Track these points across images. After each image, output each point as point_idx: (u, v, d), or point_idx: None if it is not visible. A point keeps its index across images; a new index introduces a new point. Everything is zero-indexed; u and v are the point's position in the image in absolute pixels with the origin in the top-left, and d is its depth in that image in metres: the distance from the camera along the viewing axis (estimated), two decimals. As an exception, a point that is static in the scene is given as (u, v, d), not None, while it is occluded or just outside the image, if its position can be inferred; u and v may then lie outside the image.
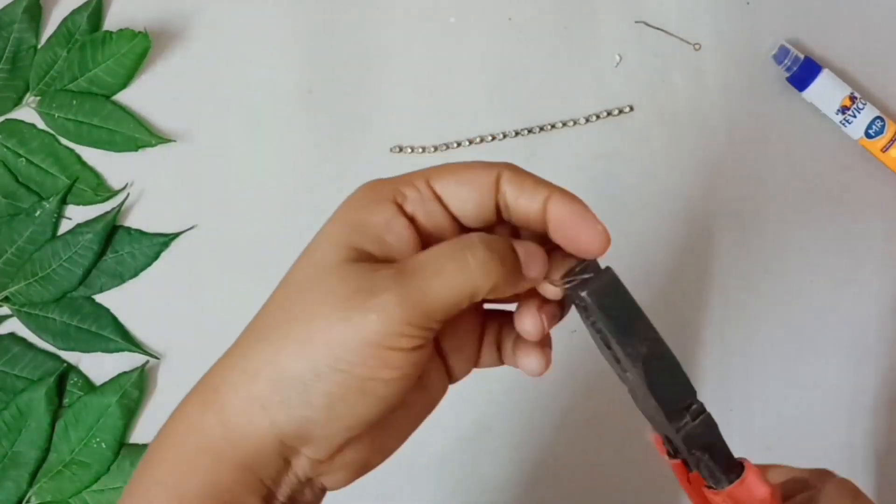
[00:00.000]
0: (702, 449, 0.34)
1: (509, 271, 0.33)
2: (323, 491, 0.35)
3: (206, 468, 0.33)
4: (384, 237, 0.33)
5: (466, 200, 0.33)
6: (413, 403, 0.36)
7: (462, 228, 0.34)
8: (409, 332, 0.31)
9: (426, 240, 0.33)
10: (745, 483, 0.34)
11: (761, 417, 0.59)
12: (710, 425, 0.34)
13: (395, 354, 0.31)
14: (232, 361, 0.34)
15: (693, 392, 0.34)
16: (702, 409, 0.34)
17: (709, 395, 0.60)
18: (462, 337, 0.37)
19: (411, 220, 0.33)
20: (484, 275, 0.32)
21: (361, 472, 0.35)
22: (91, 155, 0.62)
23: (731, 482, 0.34)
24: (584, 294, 0.33)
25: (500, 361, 0.38)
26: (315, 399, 0.31)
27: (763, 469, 0.36)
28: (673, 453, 0.35)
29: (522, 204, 0.34)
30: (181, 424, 0.34)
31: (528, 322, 0.35)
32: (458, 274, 0.31)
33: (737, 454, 0.35)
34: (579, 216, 0.35)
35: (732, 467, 0.34)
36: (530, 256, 0.33)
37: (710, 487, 0.34)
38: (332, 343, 0.31)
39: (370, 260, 0.33)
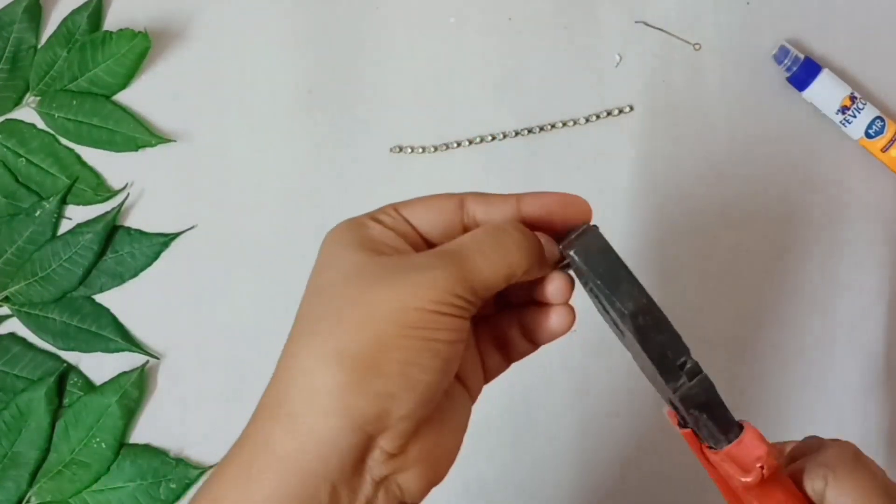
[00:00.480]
0: (699, 409, 0.34)
1: (540, 253, 0.36)
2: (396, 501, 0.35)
3: (272, 479, 0.32)
4: (386, 241, 0.35)
5: (434, 224, 0.36)
6: (452, 416, 0.38)
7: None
8: (457, 302, 0.33)
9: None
10: (742, 442, 0.34)
11: (761, 418, 0.59)
12: (707, 385, 0.34)
13: (448, 319, 0.33)
14: (285, 370, 0.34)
15: (686, 349, 0.34)
16: (697, 369, 0.34)
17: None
18: (466, 353, 0.39)
19: (390, 228, 0.36)
20: (521, 256, 0.35)
21: (432, 475, 0.36)
22: (91, 155, 0.62)
23: (729, 442, 0.34)
24: (572, 252, 0.35)
25: (507, 362, 0.41)
26: (389, 368, 0.32)
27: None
28: (683, 422, 0.35)
29: (496, 214, 0.37)
30: (246, 442, 0.34)
31: (556, 281, 0.37)
32: (499, 254, 0.34)
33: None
34: (556, 196, 0.37)
35: (731, 427, 0.34)
36: (546, 240, 0.36)
37: (710, 447, 0.35)
38: (393, 313, 0.32)
39: (390, 254, 0.35)
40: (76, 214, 0.62)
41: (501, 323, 0.40)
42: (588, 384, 0.59)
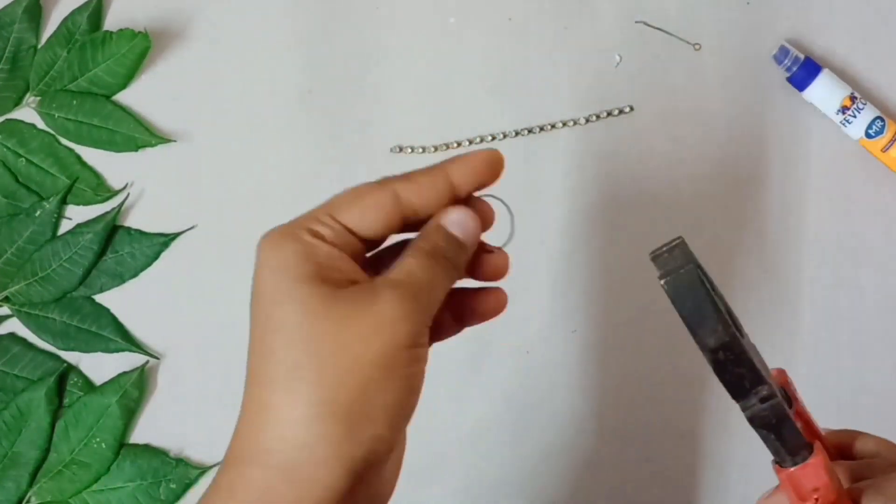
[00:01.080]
0: (766, 429, 0.35)
1: (468, 252, 0.38)
2: None
3: None
4: (336, 266, 0.35)
5: (373, 224, 0.36)
6: None
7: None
8: (424, 330, 0.35)
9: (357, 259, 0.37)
10: (806, 468, 0.35)
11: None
12: (779, 410, 0.35)
13: (422, 349, 0.35)
14: (271, 417, 0.34)
15: (764, 381, 0.35)
16: (771, 395, 0.35)
17: (709, 396, 0.60)
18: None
19: (332, 244, 0.36)
20: (460, 266, 0.37)
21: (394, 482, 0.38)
22: (91, 155, 0.62)
23: (795, 464, 0.35)
24: (662, 283, 0.36)
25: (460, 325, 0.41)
26: (376, 413, 0.33)
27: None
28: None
29: (430, 198, 0.37)
30: (229, 491, 0.34)
31: (497, 261, 0.40)
32: (446, 276, 0.36)
33: (735, 455, 0.35)
34: (480, 159, 0.38)
35: (800, 449, 0.35)
36: (465, 230, 0.38)
37: (777, 463, 0.36)
38: (378, 357, 0.33)
39: (341, 285, 0.35)
40: (76, 214, 0.62)
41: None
42: (588, 383, 0.59)
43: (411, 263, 0.36)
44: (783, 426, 0.35)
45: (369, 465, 0.33)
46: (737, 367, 0.35)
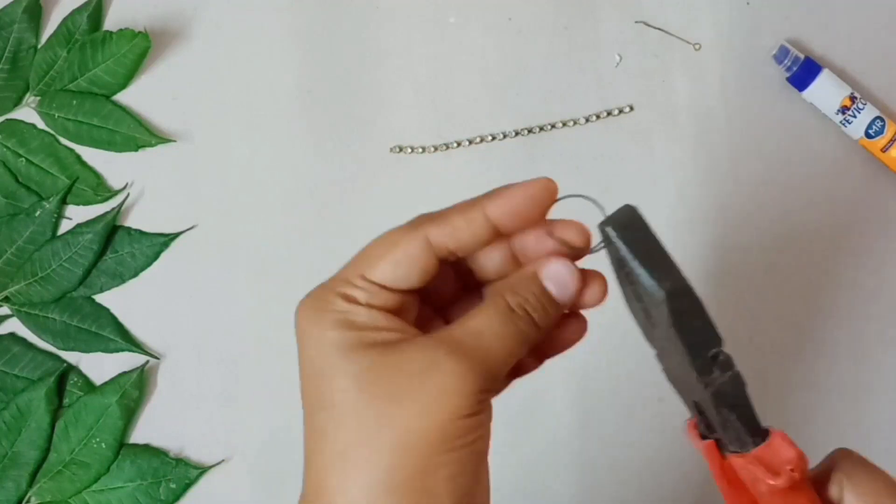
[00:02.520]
0: (730, 408, 0.33)
1: (552, 320, 0.34)
2: None
3: None
4: (377, 325, 0.33)
5: (408, 276, 0.33)
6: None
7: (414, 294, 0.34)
8: (485, 396, 0.32)
9: (397, 314, 0.33)
10: (771, 445, 0.33)
11: (761, 419, 0.59)
12: (739, 383, 0.33)
13: (482, 416, 0.32)
14: (326, 498, 0.31)
15: (720, 339, 0.32)
16: (730, 363, 0.33)
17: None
18: None
19: (369, 305, 0.33)
20: (546, 329, 0.33)
21: None
22: (91, 155, 0.62)
23: (755, 445, 0.33)
24: (608, 229, 0.32)
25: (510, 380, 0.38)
26: (437, 487, 0.31)
27: None
28: (707, 430, 0.34)
29: (467, 239, 0.34)
30: None
31: (595, 287, 0.35)
32: (514, 337, 0.32)
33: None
34: (520, 192, 0.35)
35: (758, 430, 0.33)
36: (564, 288, 0.34)
37: (735, 452, 0.33)
38: (433, 433, 0.30)
39: (387, 346, 0.32)
40: (76, 214, 0.62)
41: None
42: (588, 384, 0.59)
43: (483, 323, 0.32)
44: (745, 403, 0.33)
45: None
46: (694, 319, 0.32)
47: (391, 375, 0.31)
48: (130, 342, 0.60)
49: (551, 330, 0.35)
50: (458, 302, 0.37)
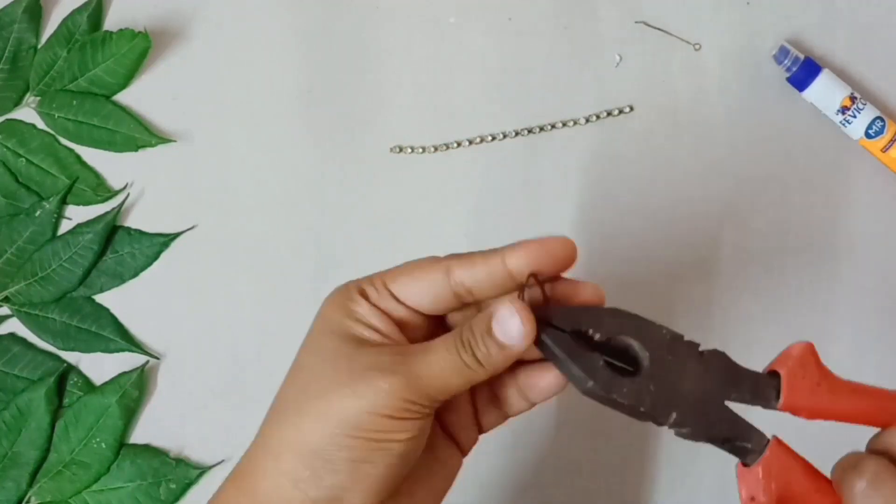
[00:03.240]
0: (711, 442, 0.35)
1: (497, 363, 0.36)
2: None
3: None
4: (371, 323, 0.37)
5: (423, 297, 0.37)
6: (432, 476, 0.40)
7: (427, 318, 0.39)
8: (412, 407, 0.35)
9: (401, 327, 0.38)
10: (773, 451, 0.35)
11: (761, 420, 0.59)
12: (699, 429, 0.35)
13: (401, 422, 0.35)
14: (258, 445, 0.37)
15: (663, 414, 0.35)
16: (681, 422, 0.35)
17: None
18: (457, 410, 0.41)
19: (375, 305, 0.38)
20: (491, 367, 0.36)
21: None
22: (91, 155, 0.62)
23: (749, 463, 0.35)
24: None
25: (504, 417, 0.42)
26: (340, 465, 0.35)
27: None
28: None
29: (482, 278, 0.37)
30: None
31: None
32: (466, 372, 0.36)
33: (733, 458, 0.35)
34: (538, 245, 0.37)
35: (754, 450, 0.35)
36: (506, 333, 0.36)
37: (745, 465, 0.35)
38: (348, 414, 0.35)
39: (367, 345, 0.37)
40: (76, 214, 0.62)
41: (496, 382, 0.41)
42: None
43: (434, 347, 0.36)
44: (721, 437, 0.35)
45: None
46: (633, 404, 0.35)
47: (348, 362, 0.36)
48: (130, 342, 0.60)
49: (506, 376, 0.40)
50: None
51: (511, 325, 0.35)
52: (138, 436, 0.59)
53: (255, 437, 0.38)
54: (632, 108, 0.61)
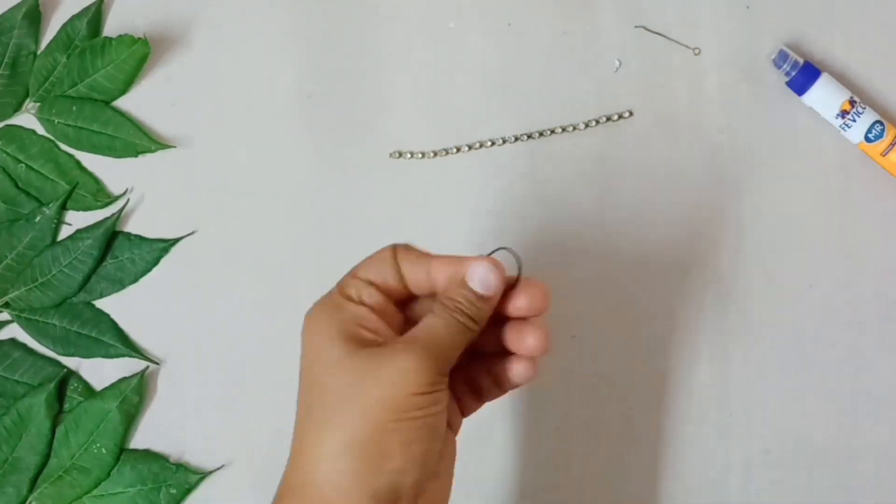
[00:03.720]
0: None
1: (484, 314, 0.43)
2: None
3: None
4: (365, 323, 0.42)
5: (386, 273, 0.43)
6: (444, 457, 0.44)
7: (399, 299, 0.44)
8: (437, 378, 0.40)
9: (385, 316, 0.43)
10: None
11: (761, 421, 0.59)
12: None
13: (433, 395, 0.40)
14: (309, 450, 0.40)
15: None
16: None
17: (708, 399, 0.60)
18: (466, 381, 0.46)
19: (366, 306, 0.42)
20: (481, 319, 0.43)
21: None
22: (91, 160, 0.62)
23: None
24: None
25: (481, 403, 0.48)
26: (393, 449, 0.39)
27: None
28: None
29: (416, 266, 0.44)
30: None
31: (529, 338, 0.44)
32: (464, 328, 0.42)
33: (737, 457, 0.35)
34: (452, 261, 0.44)
35: None
36: (486, 284, 0.43)
37: None
38: (386, 402, 0.39)
39: (369, 344, 0.41)
40: (76, 220, 0.62)
41: (472, 371, 0.46)
42: (586, 387, 0.59)
43: (430, 321, 0.42)
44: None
45: (396, 497, 0.39)
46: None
47: (363, 360, 0.40)
48: (131, 347, 0.60)
49: (481, 369, 0.46)
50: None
51: (485, 275, 0.42)
52: (138, 441, 0.59)
53: (294, 455, 0.41)
54: (631, 113, 0.61)
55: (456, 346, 0.41)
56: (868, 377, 0.59)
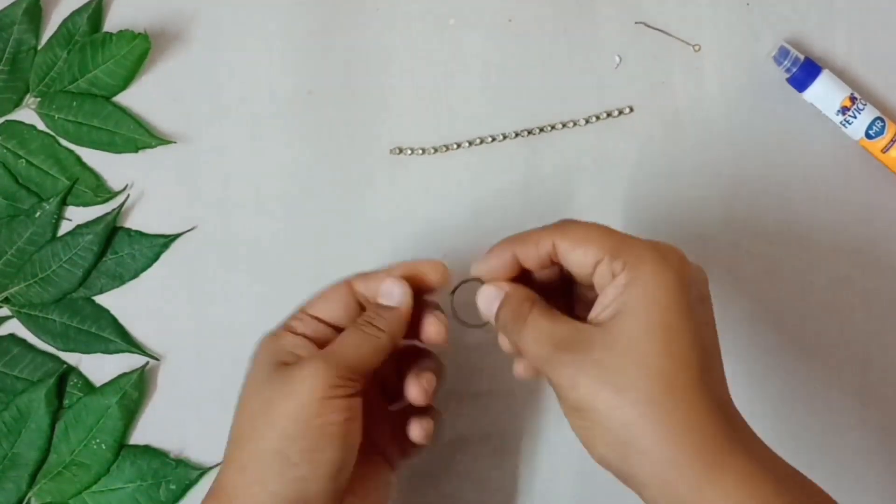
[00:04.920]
0: None
1: (391, 324, 0.46)
2: None
3: None
4: (295, 351, 0.45)
5: (336, 311, 0.47)
6: (377, 472, 0.48)
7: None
8: (339, 382, 0.42)
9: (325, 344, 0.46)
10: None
11: (760, 421, 0.59)
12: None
13: (337, 401, 0.42)
14: (227, 463, 0.44)
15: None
16: None
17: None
18: (378, 436, 0.50)
19: (305, 336, 0.46)
20: (392, 331, 0.46)
21: None
22: (91, 156, 0.62)
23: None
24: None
25: (407, 456, 0.51)
26: (296, 458, 0.41)
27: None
28: None
29: (373, 287, 0.48)
30: None
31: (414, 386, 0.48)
32: (372, 338, 0.45)
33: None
34: (413, 265, 0.48)
35: None
36: (391, 296, 0.47)
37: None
38: (289, 411, 0.42)
39: (290, 365, 0.44)
40: (76, 216, 0.62)
41: (398, 423, 0.50)
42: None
43: (343, 336, 0.45)
44: None
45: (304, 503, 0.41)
46: None
47: (278, 378, 0.43)
48: (130, 343, 0.60)
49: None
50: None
51: (394, 291, 0.46)
52: (138, 437, 0.59)
53: (224, 457, 0.44)
54: (632, 109, 0.62)
55: (363, 354, 0.44)
56: (869, 375, 0.59)
